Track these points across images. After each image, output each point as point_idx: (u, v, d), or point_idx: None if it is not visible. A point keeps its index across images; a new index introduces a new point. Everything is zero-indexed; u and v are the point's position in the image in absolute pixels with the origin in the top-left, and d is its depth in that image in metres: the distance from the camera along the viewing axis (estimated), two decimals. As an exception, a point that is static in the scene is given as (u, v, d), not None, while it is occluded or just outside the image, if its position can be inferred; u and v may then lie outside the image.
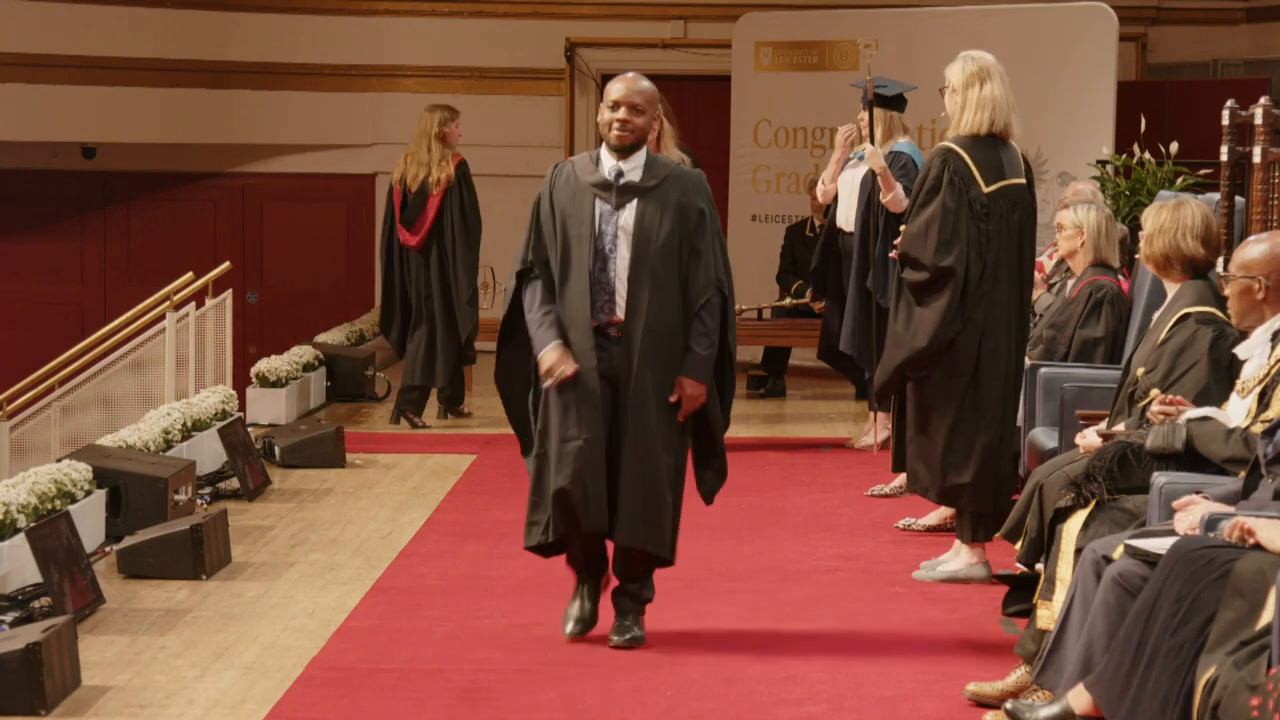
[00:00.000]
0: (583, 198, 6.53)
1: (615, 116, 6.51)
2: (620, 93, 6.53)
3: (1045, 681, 5.49)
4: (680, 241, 6.49)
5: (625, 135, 6.50)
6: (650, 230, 6.47)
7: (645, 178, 6.53)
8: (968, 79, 7.49)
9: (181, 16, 15.79)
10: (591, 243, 6.48)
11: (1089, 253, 8.55)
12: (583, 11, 16.14)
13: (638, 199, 6.51)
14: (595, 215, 6.51)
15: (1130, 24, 14.72)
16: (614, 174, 6.53)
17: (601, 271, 6.50)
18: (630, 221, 6.49)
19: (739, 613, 7.22)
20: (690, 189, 6.54)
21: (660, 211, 6.49)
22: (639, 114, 6.52)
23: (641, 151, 6.57)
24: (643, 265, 6.47)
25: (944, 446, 7.49)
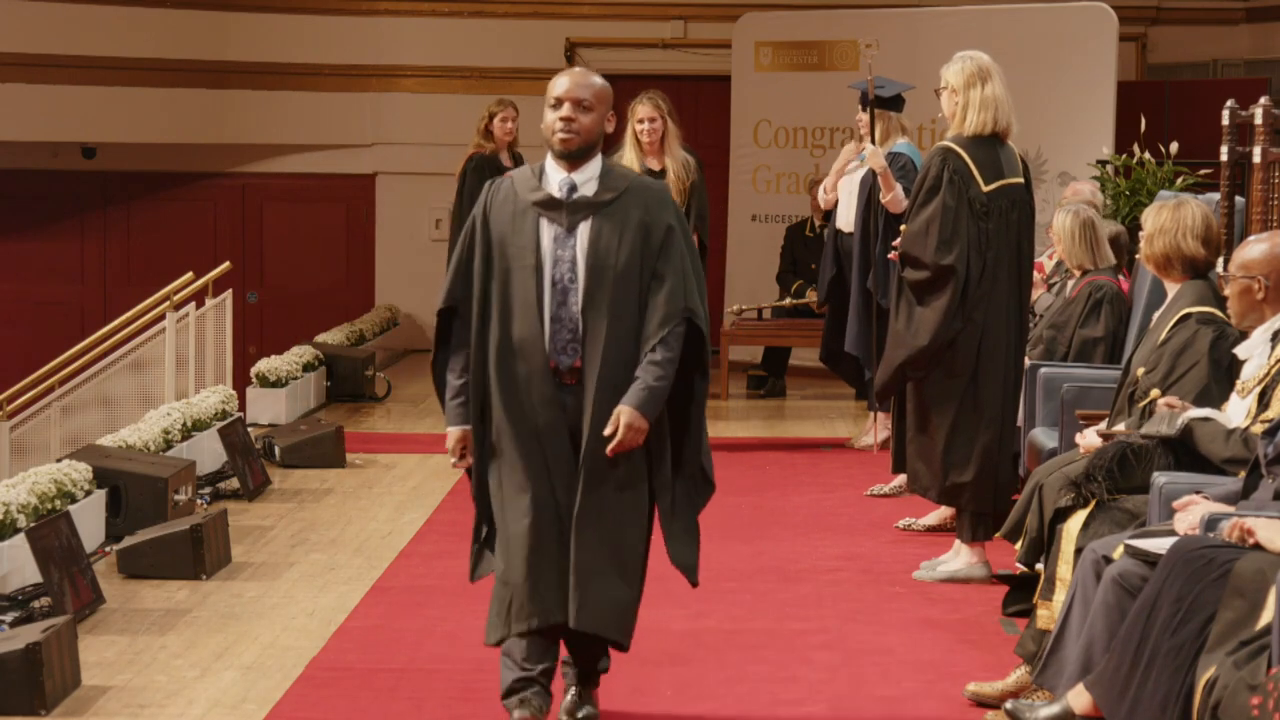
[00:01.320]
0: (525, 220, 5.50)
1: (558, 115, 5.51)
2: (563, 88, 5.54)
3: (1046, 682, 5.49)
4: (643, 265, 5.48)
5: (570, 138, 5.49)
6: (607, 254, 5.46)
7: (601, 191, 5.52)
8: (968, 79, 7.49)
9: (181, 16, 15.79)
10: (538, 274, 5.46)
11: (1068, 259, 8.57)
12: (583, 11, 16.14)
13: (593, 217, 5.50)
14: (542, 240, 5.48)
15: (1130, 24, 14.73)
16: (564, 188, 5.52)
17: (561, 307, 5.47)
18: (586, 243, 5.48)
19: (739, 613, 7.22)
20: (655, 203, 5.53)
21: (619, 231, 5.47)
22: (586, 112, 5.51)
23: (595, 160, 5.55)
24: (598, 296, 5.45)
25: (944, 446, 7.50)
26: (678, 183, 10.79)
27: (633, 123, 10.78)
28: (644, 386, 5.44)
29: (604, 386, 5.45)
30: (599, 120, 5.55)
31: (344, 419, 11.96)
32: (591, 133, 5.52)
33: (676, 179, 10.79)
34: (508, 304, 5.48)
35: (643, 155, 10.79)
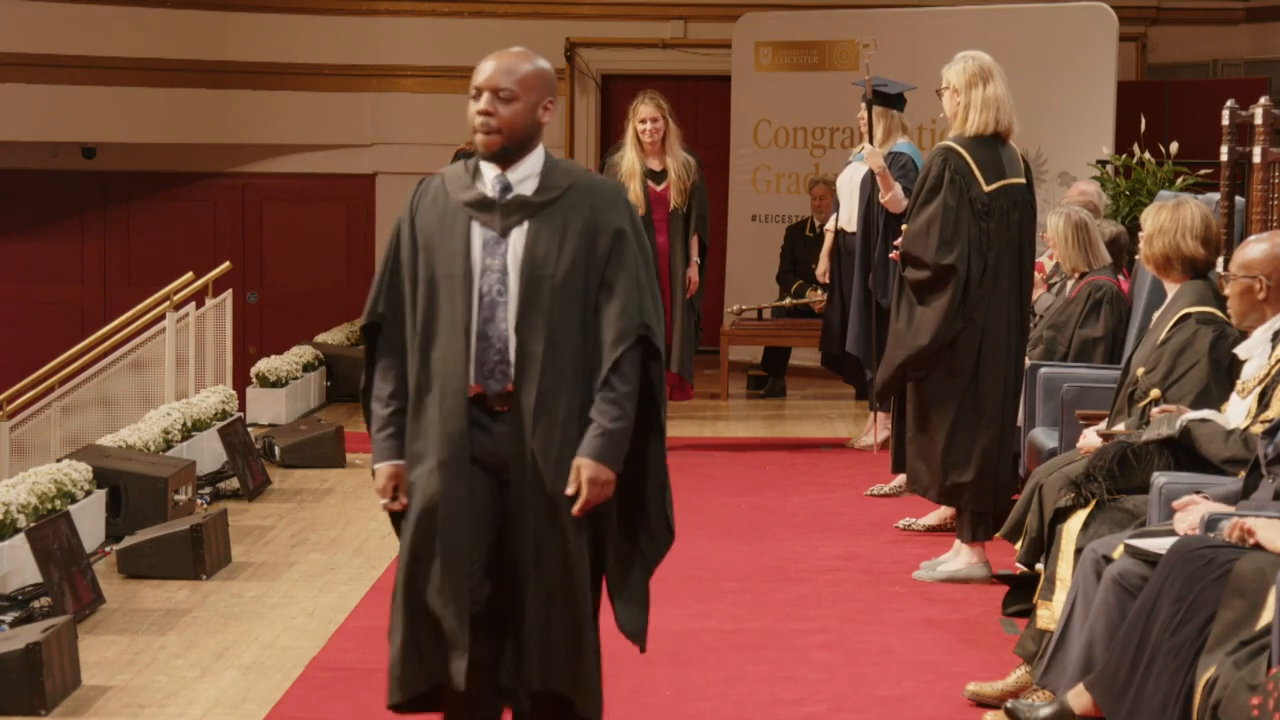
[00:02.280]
0: (455, 222, 4.74)
1: (475, 108, 4.71)
2: (482, 76, 4.71)
3: (1048, 682, 5.49)
4: (587, 276, 4.69)
5: (491, 137, 4.68)
6: (545, 261, 4.68)
7: (541, 190, 4.73)
8: (970, 79, 7.49)
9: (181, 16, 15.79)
10: (466, 284, 4.69)
11: (1063, 262, 8.58)
12: (583, 11, 16.14)
13: (529, 220, 4.71)
14: (473, 245, 4.71)
15: (1130, 24, 14.73)
16: (498, 187, 4.73)
17: (489, 323, 4.69)
18: (520, 250, 4.71)
19: (739, 613, 7.22)
20: (604, 203, 4.74)
21: (559, 235, 4.69)
22: (508, 102, 4.68)
23: (534, 155, 4.75)
24: (533, 311, 4.67)
25: (944, 446, 7.50)
26: (679, 182, 10.81)
27: (634, 122, 10.79)
28: (602, 431, 4.64)
29: (541, 415, 4.65)
30: (528, 110, 4.70)
31: (344, 419, 11.95)
32: (517, 126, 4.69)
33: (677, 179, 10.80)
34: (430, 320, 4.71)
35: (644, 155, 10.80)
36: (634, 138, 10.78)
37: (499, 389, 4.69)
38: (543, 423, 4.66)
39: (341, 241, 16.64)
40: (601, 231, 4.71)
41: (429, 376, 4.71)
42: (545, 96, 4.74)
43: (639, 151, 10.78)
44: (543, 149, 4.77)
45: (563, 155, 16.79)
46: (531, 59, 4.74)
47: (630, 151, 10.79)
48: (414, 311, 4.74)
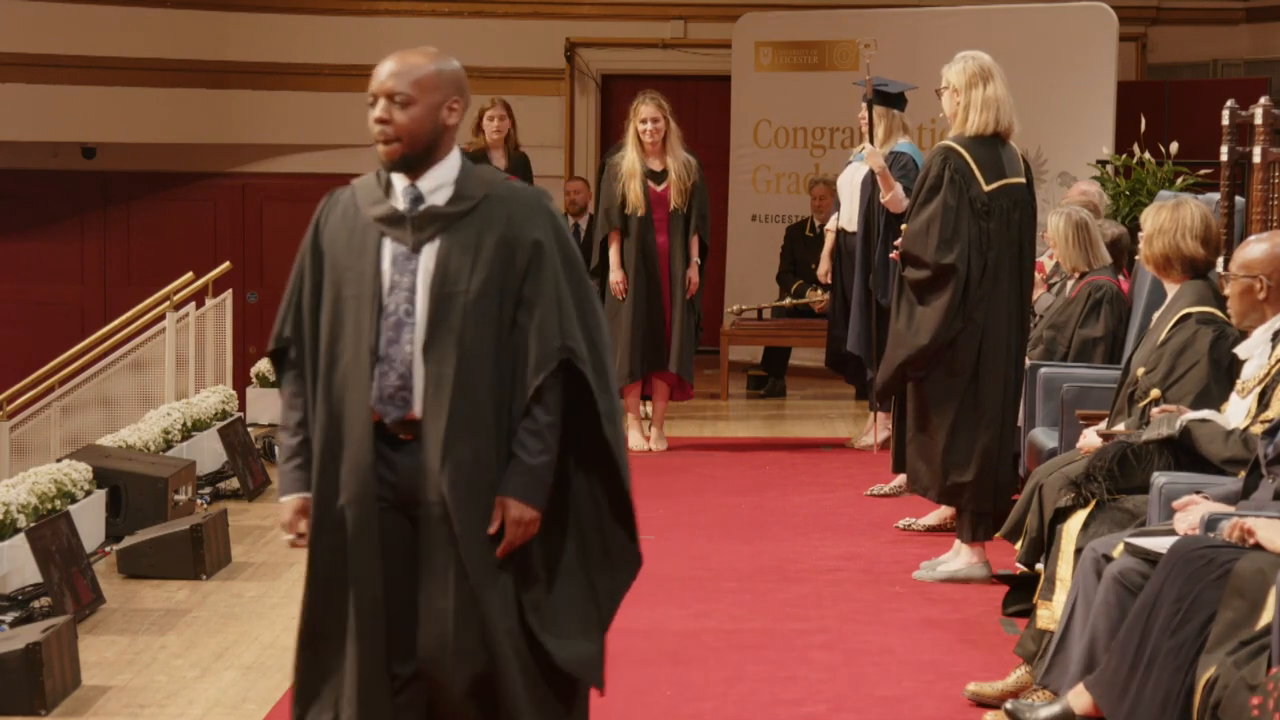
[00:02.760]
0: (365, 238, 4.37)
1: (372, 115, 4.35)
2: (375, 80, 4.36)
3: (1050, 682, 5.49)
4: (502, 293, 4.31)
5: (391, 148, 4.32)
6: (457, 277, 4.30)
7: (455, 200, 4.36)
8: (970, 79, 7.49)
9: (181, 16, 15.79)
10: (374, 304, 4.31)
11: (1063, 262, 8.58)
12: (583, 11, 16.14)
13: (442, 234, 4.34)
14: (383, 262, 4.34)
15: (1130, 24, 14.73)
16: (409, 199, 4.36)
17: (393, 345, 4.31)
18: (431, 266, 4.33)
19: (739, 613, 7.22)
20: (522, 213, 4.35)
21: (473, 250, 4.32)
22: (405, 107, 4.31)
23: (446, 163, 4.38)
24: (442, 332, 4.29)
25: (944, 445, 7.50)
26: (679, 183, 10.81)
27: (635, 123, 10.79)
28: (524, 467, 4.29)
29: (452, 443, 4.26)
30: (428, 114, 4.33)
31: (344, 419, 11.93)
32: (417, 133, 4.31)
33: (678, 179, 10.80)
34: (335, 344, 4.35)
35: (644, 155, 10.80)
36: (635, 138, 10.78)
37: (398, 416, 4.31)
38: (453, 453, 4.26)
39: (341, 241, 16.62)
40: (518, 244, 4.33)
41: (332, 405, 4.34)
42: (448, 97, 4.36)
43: (639, 151, 10.78)
44: (458, 155, 4.42)
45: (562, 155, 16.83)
46: (430, 58, 4.37)
47: (631, 151, 10.79)
48: (317, 334, 4.39)
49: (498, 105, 12.15)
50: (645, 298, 10.81)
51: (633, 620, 7.01)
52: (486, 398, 4.29)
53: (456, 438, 4.27)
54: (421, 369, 4.30)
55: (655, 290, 10.84)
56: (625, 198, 10.76)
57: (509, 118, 12.11)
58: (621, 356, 10.81)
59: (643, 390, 11.02)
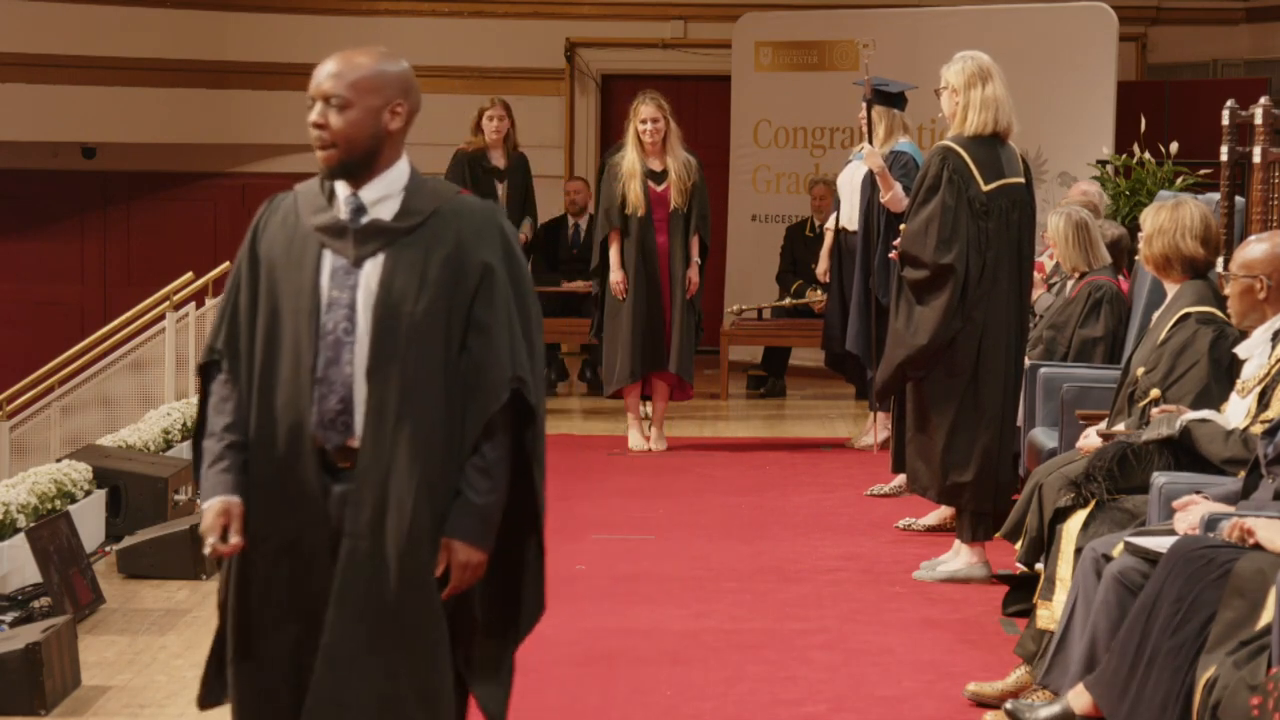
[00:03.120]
0: (304, 249, 4.08)
1: (309, 119, 4.07)
2: (314, 81, 4.07)
3: (1050, 682, 5.49)
4: (449, 315, 4.02)
5: (327, 154, 4.04)
6: (401, 298, 4.02)
7: (402, 214, 4.07)
8: (969, 79, 7.49)
9: (181, 16, 15.79)
10: (313, 319, 4.04)
11: (1064, 262, 8.58)
12: (583, 11, 16.14)
13: (387, 249, 4.05)
14: (321, 275, 4.05)
15: (1130, 24, 14.73)
16: (350, 209, 4.07)
17: (332, 366, 4.03)
18: (374, 284, 4.04)
19: (739, 613, 7.22)
20: (473, 231, 4.07)
21: (420, 269, 4.03)
22: (342, 110, 4.03)
23: (392, 171, 4.08)
24: (385, 354, 4.01)
25: (944, 445, 7.50)
26: (679, 183, 10.80)
27: (635, 122, 10.79)
28: (471, 507, 4.00)
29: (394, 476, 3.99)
30: (367, 118, 4.03)
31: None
32: (354, 138, 4.02)
33: (678, 179, 10.80)
34: (271, 361, 4.07)
35: (644, 155, 10.79)
36: (635, 137, 10.78)
37: (339, 442, 4.03)
38: (395, 486, 3.99)
39: (341, 241, 16.62)
40: (467, 266, 4.03)
41: (271, 427, 4.05)
42: (390, 101, 4.04)
43: (640, 151, 10.78)
44: (406, 164, 4.10)
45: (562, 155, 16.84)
46: (372, 58, 4.07)
47: (631, 151, 10.79)
48: (252, 349, 4.09)
49: (497, 105, 12.16)
50: (645, 298, 10.81)
51: (633, 620, 7.03)
52: (432, 427, 4.00)
53: (399, 470, 3.98)
54: (364, 393, 4.01)
55: (655, 290, 10.84)
56: (625, 197, 10.76)
57: (508, 118, 12.12)
58: (622, 356, 10.82)
59: (643, 390, 11.02)
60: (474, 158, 12.07)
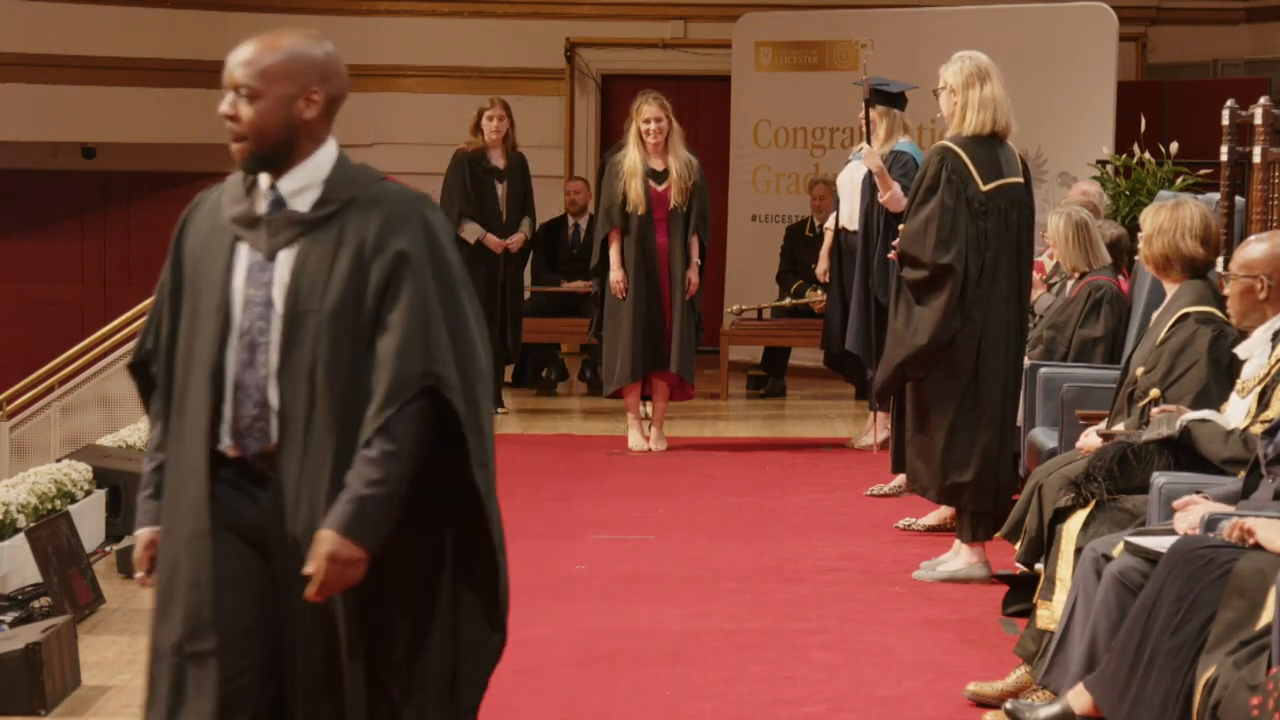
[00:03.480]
0: (220, 243, 3.86)
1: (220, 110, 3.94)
2: (225, 70, 3.92)
3: (1050, 682, 5.49)
4: (359, 311, 3.76)
5: (240, 147, 3.86)
6: (311, 292, 3.77)
7: (320, 203, 3.83)
8: (967, 79, 7.49)
9: (181, 16, 15.79)
10: (222, 317, 3.81)
11: (1063, 262, 8.58)
12: (583, 11, 16.14)
13: (300, 240, 3.80)
14: (235, 272, 3.83)
15: (1130, 24, 14.72)
16: (269, 202, 3.85)
17: (247, 368, 3.79)
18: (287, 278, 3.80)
19: (739, 613, 7.22)
20: (388, 219, 3.79)
21: (329, 261, 3.78)
22: (252, 100, 3.85)
23: (313, 160, 3.86)
24: (296, 353, 3.76)
25: (944, 445, 7.50)
26: (680, 182, 10.80)
27: (638, 122, 10.78)
28: (352, 497, 3.69)
29: (305, 483, 3.74)
30: (278, 107, 3.82)
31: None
32: (265, 129, 3.82)
33: (679, 178, 10.80)
34: (190, 362, 3.84)
35: (646, 155, 10.79)
36: (637, 137, 10.78)
37: (257, 449, 3.78)
38: (306, 493, 3.74)
39: (341, 241, 16.63)
40: (379, 254, 3.75)
41: (181, 431, 3.83)
42: (305, 88, 3.83)
43: (641, 150, 10.77)
44: (333, 152, 3.87)
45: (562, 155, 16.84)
46: (281, 43, 3.90)
47: (633, 150, 10.79)
48: (173, 352, 3.88)
49: (497, 105, 12.17)
50: (645, 297, 10.81)
51: (633, 620, 7.03)
52: (343, 432, 3.72)
53: (309, 476, 3.73)
54: (275, 397, 3.76)
55: (655, 289, 10.84)
56: (626, 196, 10.76)
57: (508, 118, 12.13)
58: (622, 356, 10.82)
59: (643, 390, 11.02)
60: (473, 158, 12.09)
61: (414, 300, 3.74)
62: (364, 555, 3.68)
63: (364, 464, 3.69)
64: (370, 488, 3.68)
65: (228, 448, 3.80)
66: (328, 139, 3.87)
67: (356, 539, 3.68)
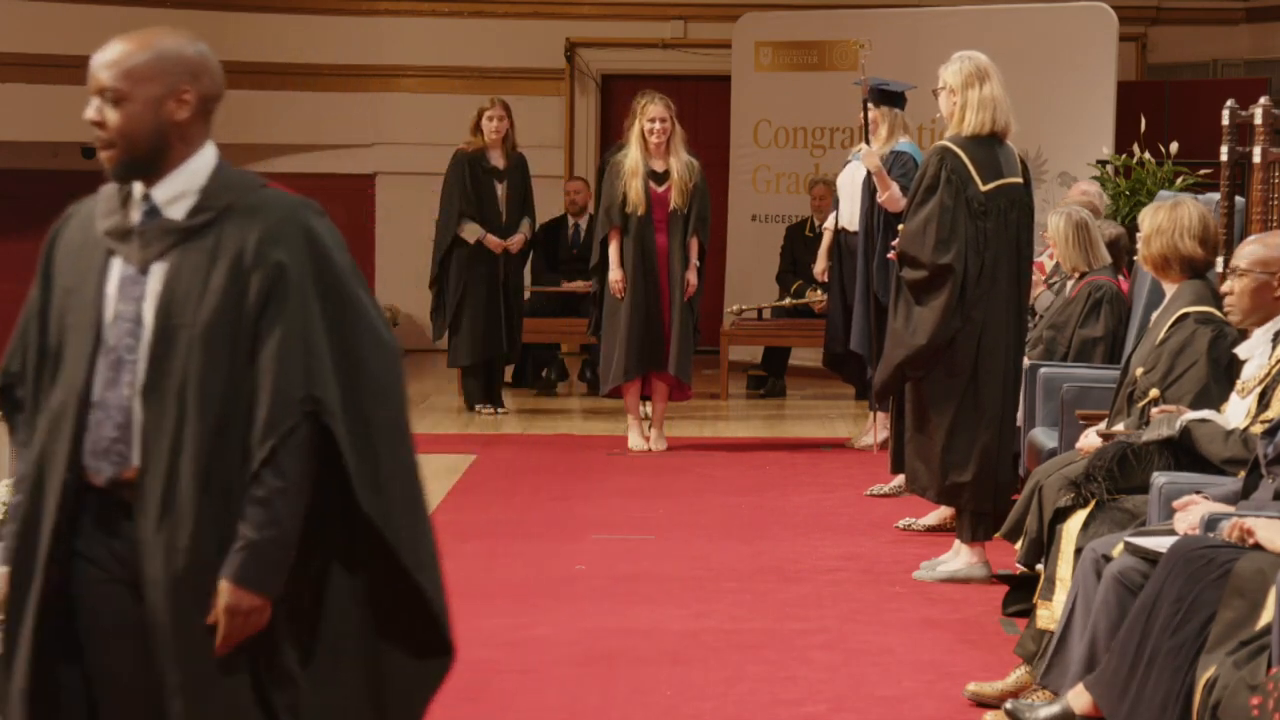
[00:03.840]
0: (91, 256, 3.64)
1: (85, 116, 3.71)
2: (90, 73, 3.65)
3: (1050, 682, 5.49)
4: (234, 328, 3.50)
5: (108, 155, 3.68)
6: (181, 308, 3.51)
7: (195, 212, 3.57)
8: (966, 79, 7.49)
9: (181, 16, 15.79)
10: (93, 335, 3.56)
11: (1063, 262, 8.58)
12: (583, 11, 16.14)
13: (173, 251, 3.55)
14: (107, 286, 3.58)
15: (1130, 24, 14.73)
16: (143, 211, 3.60)
17: (110, 388, 3.53)
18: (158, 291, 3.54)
19: (739, 613, 7.22)
20: (267, 230, 3.53)
21: (203, 274, 3.52)
22: (118, 104, 3.61)
23: (190, 166, 3.61)
24: (165, 374, 3.50)
25: (943, 445, 7.50)
26: (680, 184, 10.80)
27: (641, 122, 10.77)
28: (245, 544, 3.46)
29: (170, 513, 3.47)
30: (147, 110, 3.57)
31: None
32: (134, 134, 3.60)
33: (680, 179, 10.79)
34: (54, 383, 3.59)
35: (648, 155, 10.78)
36: (639, 137, 10.77)
37: (112, 474, 3.51)
38: (169, 526, 3.47)
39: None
40: (258, 266, 3.49)
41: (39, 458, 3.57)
42: (174, 88, 3.57)
43: (643, 151, 10.77)
44: (210, 159, 3.62)
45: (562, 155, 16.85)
46: (148, 42, 3.57)
47: (634, 150, 10.78)
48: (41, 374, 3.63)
49: (497, 105, 12.18)
50: (644, 297, 10.81)
51: (633, 620, 7.03)
52: (214, 459, 3.47)
53: (175, 507, 3.46)
54: (139, 419, 3.50)
55: (654, 290, 10.84)
56: (626, 196, 10.76)
57: (508, 118, 12.14)
58: (619, 355, 10.82)
59: (642, 390, 11.02)
60: (473, 158, 12.10)
61: (294, 317, 3.49)
62: (264, 603, 3.48)
63: (253, 506, 3.46)
64: (262, 531, 3.46)
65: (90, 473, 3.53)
66: (205, 143, 3.63)
67: (254, 588, 3.47)
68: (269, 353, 3.47)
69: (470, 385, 12.36)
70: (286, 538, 3.49)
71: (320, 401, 3.47)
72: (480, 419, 12.14)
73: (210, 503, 3.47)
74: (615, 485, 9.88)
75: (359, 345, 3.54)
